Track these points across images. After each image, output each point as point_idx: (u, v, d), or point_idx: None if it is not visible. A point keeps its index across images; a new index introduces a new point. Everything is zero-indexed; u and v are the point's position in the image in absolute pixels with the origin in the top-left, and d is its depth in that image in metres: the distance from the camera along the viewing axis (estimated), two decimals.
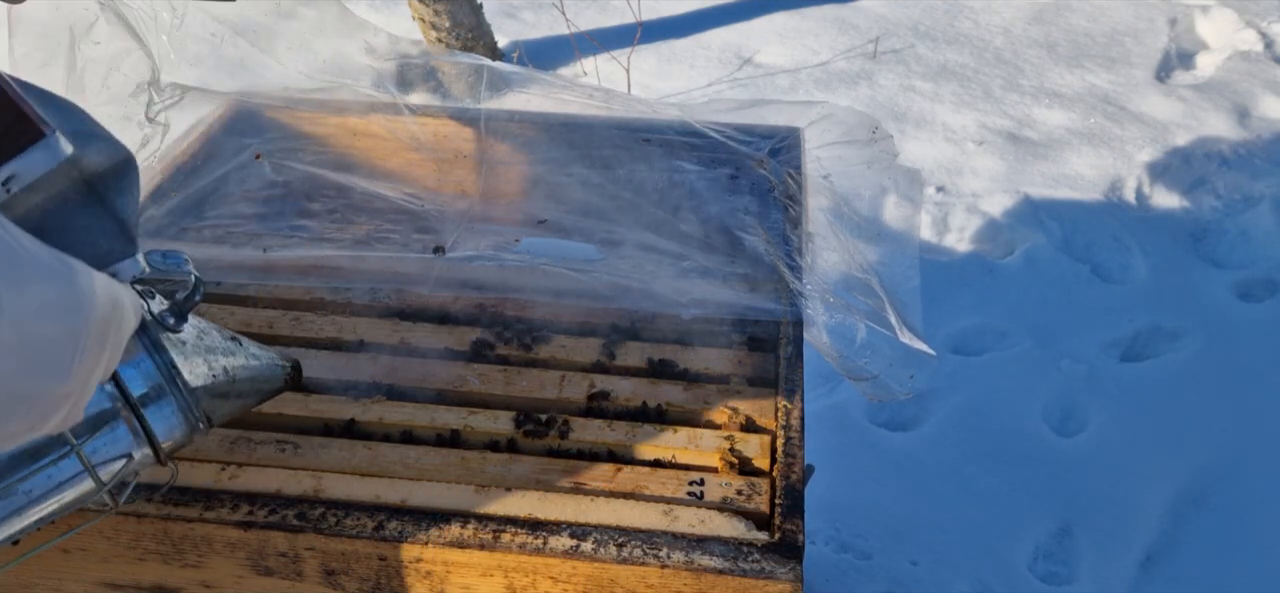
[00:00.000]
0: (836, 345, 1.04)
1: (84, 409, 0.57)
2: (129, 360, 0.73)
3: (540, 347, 1.05)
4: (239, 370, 0.83)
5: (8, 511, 0.72)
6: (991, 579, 1.75)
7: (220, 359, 0.81)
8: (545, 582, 0.86)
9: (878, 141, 1.23)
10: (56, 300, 0.54)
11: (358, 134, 1.28)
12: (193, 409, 0.77)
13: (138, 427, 0.75)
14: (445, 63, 1.42)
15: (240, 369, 0.83)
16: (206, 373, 0.79)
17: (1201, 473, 1.93)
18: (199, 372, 0.79)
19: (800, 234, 1.13)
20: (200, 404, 0.78)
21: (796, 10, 3.37)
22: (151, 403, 0.75)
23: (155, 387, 0.75)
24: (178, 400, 0.76)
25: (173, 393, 0.76)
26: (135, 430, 0.75)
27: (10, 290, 0.51)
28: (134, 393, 0.74)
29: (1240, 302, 2.31)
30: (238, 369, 0.83)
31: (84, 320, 0.56)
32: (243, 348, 0.84)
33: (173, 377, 0.76)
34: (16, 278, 0.52)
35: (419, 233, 1.14)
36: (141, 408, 0.75)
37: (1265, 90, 2.99)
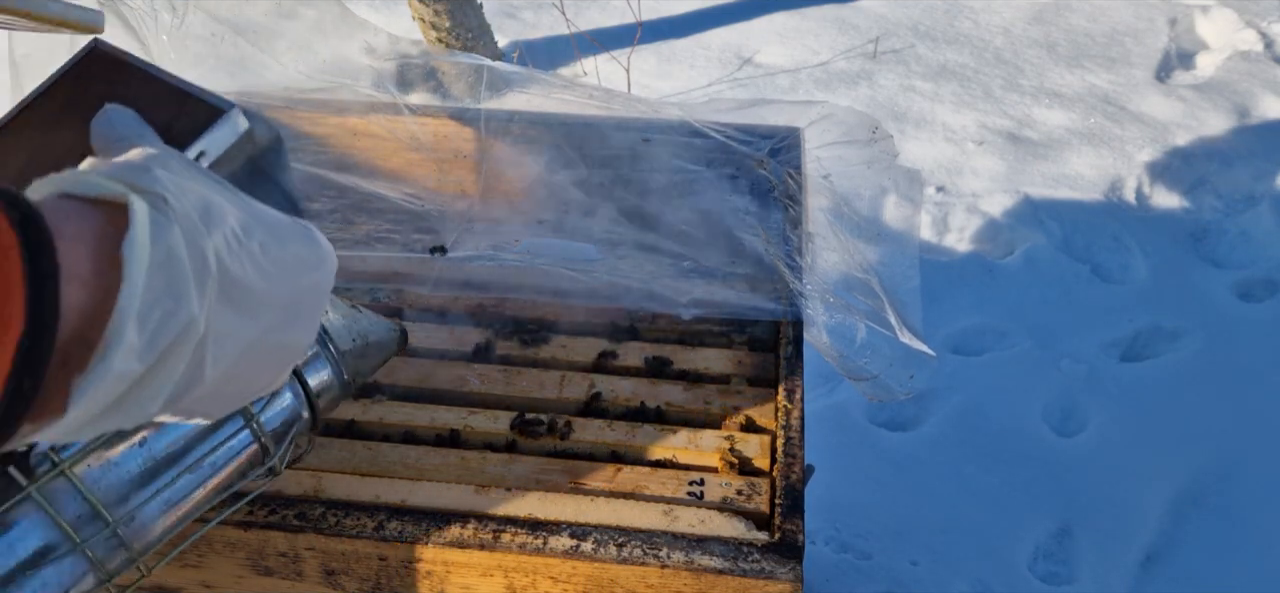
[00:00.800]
0: (836, 345, 1.04)
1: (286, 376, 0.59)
2: None
3: (540, 347, 1.05)
4: (370, 333, 0.87)
5: (194, 484, 0.76)
6: (991, 579, 1.75)
7: (354, 323, 0.85)
8: (545, 582, 0.86)
9: (878, 141, 1.23)
10: (307, 256, 0.56)
11: (358, 134, 1.28)
12: (341, 369, 0.82)
13: (299, 390, 0.79)
14: (445, 63, 1.42)
15: (370, 332, 0.87)
16: (348, 336, 0.84)
17: (1201, 473, 1.93)
18: (342, 334, 0.83)
19: (800, 234, 1.13)
20: (348, 365, 0.82)
21: (796, 10, 3.37)
22: (309, 365, 0.80)
23: (312, 350, 0.79)
24: (330, 363, 0.81)
25: (326, 354, 0.81)
26: (298, 393, 0.79)
27: (274, 241, 0.53)
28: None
29: (1240, 302, 2.31)
30: (369, 332, 0.87)
31: (327, 274, 0.58)
32: (365, 314, 0.89)
33: (325, 340, 0.80)
34: (274, 231, 0.53)
35: (419, 233, 1.14)
36: (303, 369, 0.79)
37: (1265, 90, 2.99)
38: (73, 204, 0.44)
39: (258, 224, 0.52)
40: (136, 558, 0.74)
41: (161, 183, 0.46)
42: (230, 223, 0.49)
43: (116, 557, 0.73)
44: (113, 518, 0.72)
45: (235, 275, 0.49)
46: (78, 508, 0.71)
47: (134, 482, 0.74)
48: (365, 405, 0.99)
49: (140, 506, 0.73)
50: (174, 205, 0.46)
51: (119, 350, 0.43)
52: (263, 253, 0.51)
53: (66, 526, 0.70)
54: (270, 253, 0.52)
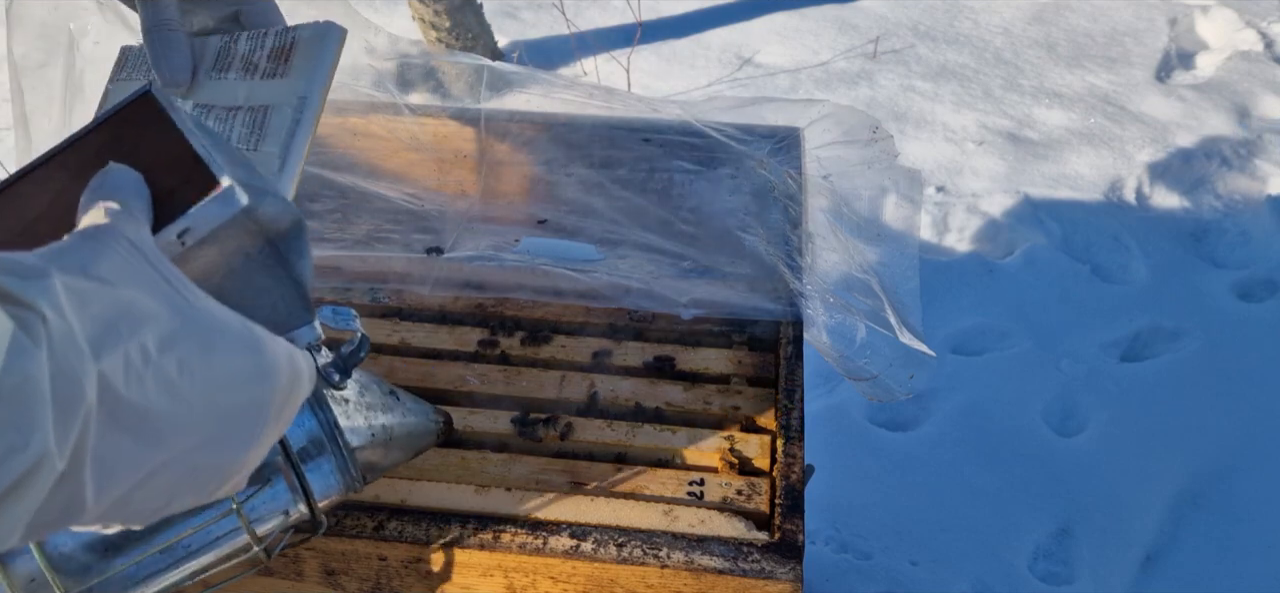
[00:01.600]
0: (836, 346, 1.04)
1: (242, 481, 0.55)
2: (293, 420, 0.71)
3: (540, 347, 1.05)
4: (396, 428, 0.81)
5: (164, 564, 0.71)
6: (991, 579, 1.75)
7: (379, 417, 0.79)
8: (545, 582, 0.86)
9: (878, 141, 1.23)
10: (244, 369, 0.51)
11: (358, 134, 1.28)
12: (350, 467, 0.75)
13: (296, 484, 0.73)
14: (445, 63, 1.42)
15: (397, 426, 0.81)
16: (366, 430, 0.78)
17: (1201, 473, 1.93)
18: (359, 430, 0.77)
19: (800, 234, 1.13)
20: (357, 463, 0.76)
21: (796, 10, 3.37)
22: (311, 460, 0.73)
23: (316, 444, 0.73)
24: (336, 459, 0.74)
25: (333, 451, 0.74)
26: (294, 488, 0.73)
27: (200, 354, 0.48)
28: (295, 450, 0.72)
29: (1240, 302, 2.31)
30: (395, 426, 0.81)
31: (269, 391, 0.53)
32: (400, 404, 0.83)
33: (334, 435, 0.74)
34: (205, 341, 0.49)
35: (419, 233, 1.14)
36: (302, 465, 0.73)
37: (1265, 90, 2.99)
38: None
39: (188, 335, 0.48)
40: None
41: (49, 293, 0.42)
42: (143, 336, 0.45)
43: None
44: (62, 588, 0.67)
45: (131, 400, 0.44)
46: (33, 569, 0.67)
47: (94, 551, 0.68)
48: None
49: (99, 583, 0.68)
50: (51, 324, 0.41)
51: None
52: (180, 370, 0.47)
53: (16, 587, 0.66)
54: (191, 370, 0.47)
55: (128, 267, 0.47)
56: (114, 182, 0.54)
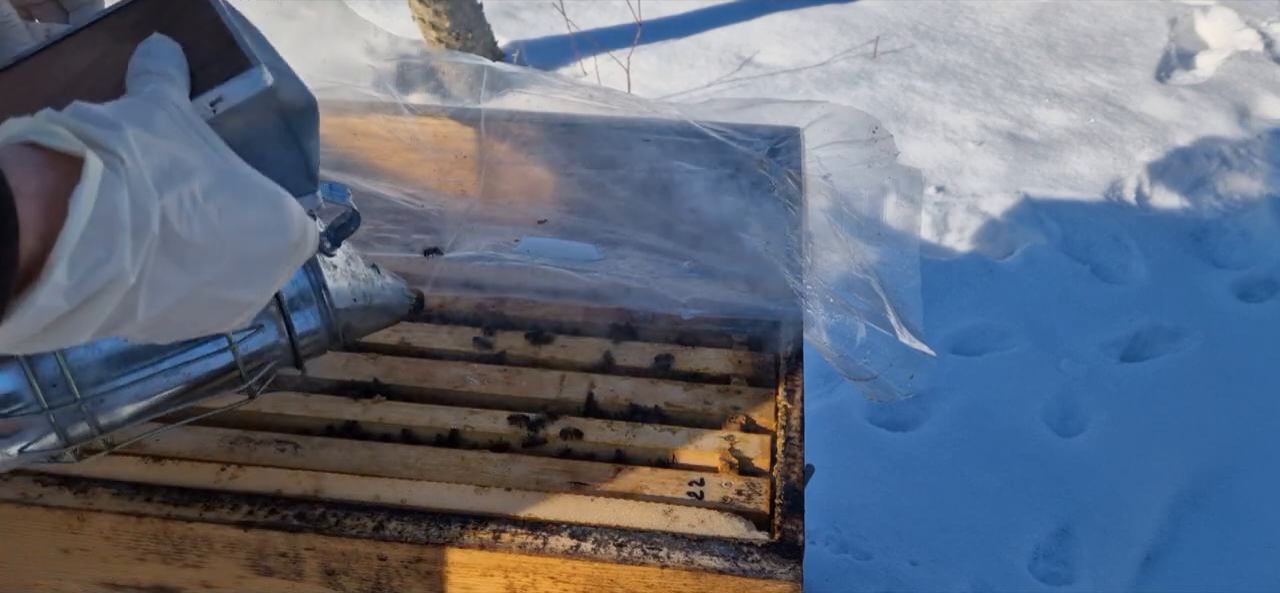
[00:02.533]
0: (836, 346, 1.04)
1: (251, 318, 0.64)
2: None
3: (540, 347, 1.05)
4: (375, 296, 0.91)
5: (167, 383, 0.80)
6: (991, 579, 1.75)
7: (361, 285, 0.89)
8: (545, 582, 0.86)
9: (878, 141, 1.23)
10: (268, 222, 0.60)
11: (358, 134, 1.28)
12: (334, 322, 0.85)
13: (284, 329, 0.83)
14: (445, 63, 1.42)
15: (376, 295, 0.91)
16: (349, 294, 0.88)
17: (1201, 473, 1.93)
18: (343, 292, 0.87)
19: (800, 234, 1.13)
20: (340, 320, 0.86)
21: (796, 10, 3.37)
22: (298, 309, 0.83)
23: (304, 295, 0.83)
24: (321, 314, 0.84)
25: (319, 305, 0.84)
26: (282, 331, 0.83)
27: (236, 204, 0.57)
28: (285, 300, 0.82)
29: (1240, 302, 2.31)
30: (374, 295, 0.91)
31: (286, 243, 0.62)
32: (380, 276, 0.92)
33: (320, 292, 0.84)
34: (240, 194, 0.58)
35: (419, 233, 1.14)
36: (290, 313, 0.83)
37: (1265, 90, 2.99)
38: (35, 156, 0.50)
39: (225, 187, 0.57)
40: (101, 432, 0.79)
41: (124, 141, 0.51)
42: (192, 184, 0.54)
43: (80, 426, 0.78)
44: (80, 395, 0.76)
45: (181, 234, 0.54)
46: (53, 371, 0.75)
47: (110, 365, 0.77)
48: (365, 406, 0.99)
49: (110, 391, 0.77)
50: (128, 166, 0.51)
51: (46, 288, 0.48)
52: (220, 215, 0.56)
53: (38, 387, 0.74)
54: (229, 215, 0.56)
55: (176, 126, 0.56)
56: (159, 50, 0.62)
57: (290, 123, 0.67)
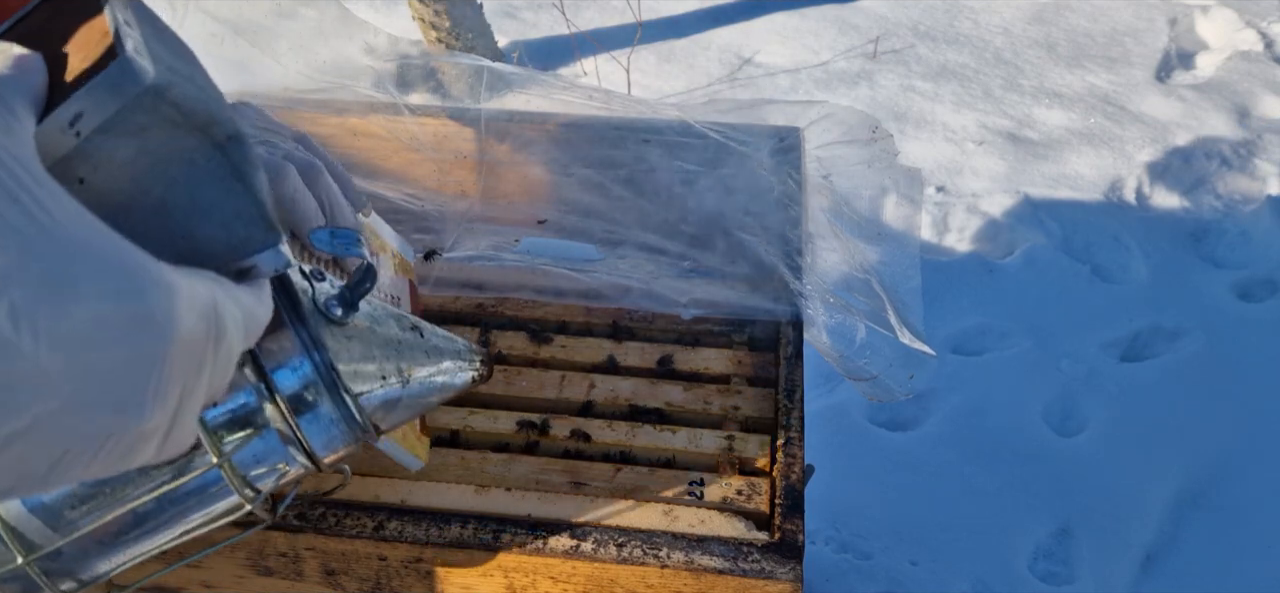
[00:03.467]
0: (836, 346, 1.04)
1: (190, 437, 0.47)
2: (284, 361, 0.63)
3: (540, 347, 1.05)
4: (416, 372, 0.70)
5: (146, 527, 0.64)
6: (991, 579, 1.75)
7: (393, 359, 0.68)
8: (545, 582, 0.86)
9: (878, 141, 1.23)
10: (112, 318, 0.41)
11: (358, 134, 1.28)
12: (356, 416, 0.65)
13: (290, 435, 0.64)
14: (445, 63, 1.42)
15: (417, 370, 0.70)
16: (376, 376, 0.67)
17: (1201, 473, 1.94)
18: (366, 374, 0.66)
19: (800, 234, 1.13)
20: (366, 411, 0.66)
21: (796, 10, 3.37)
22: (307, 410, 0.63)
23: (312, 390, 0.63)
24: (338, 407, 0.64)
25: (333, 399, 0.64)
26: (289, 438, 0.64)
27: (52, 301, 0.39)
28: (286, 395, 0.62)
29: (1240, 302, 2.31)
30: (414, 371, 0.70)
31: (159, 341, 0.43)
32: (424, 340, 0.71)
33: (333, 382, 0.63)
34: (61, 282, 0.39)
35: (419, 233, 1.14)
36: (296, 415, 0.63)
37: (1265, 90, 2.99)
38: None
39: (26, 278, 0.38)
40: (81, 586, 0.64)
41: None
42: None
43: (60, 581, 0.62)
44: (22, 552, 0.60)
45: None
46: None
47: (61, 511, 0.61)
48: None
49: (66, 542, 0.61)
50: None
51: None
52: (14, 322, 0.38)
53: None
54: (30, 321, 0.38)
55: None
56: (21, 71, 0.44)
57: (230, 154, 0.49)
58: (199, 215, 0.48)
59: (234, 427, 0.63)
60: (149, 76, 0.45)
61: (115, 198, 0.46)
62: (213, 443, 0.62)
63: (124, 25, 0.47)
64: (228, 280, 0.50)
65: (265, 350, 0.62)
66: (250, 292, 0.52)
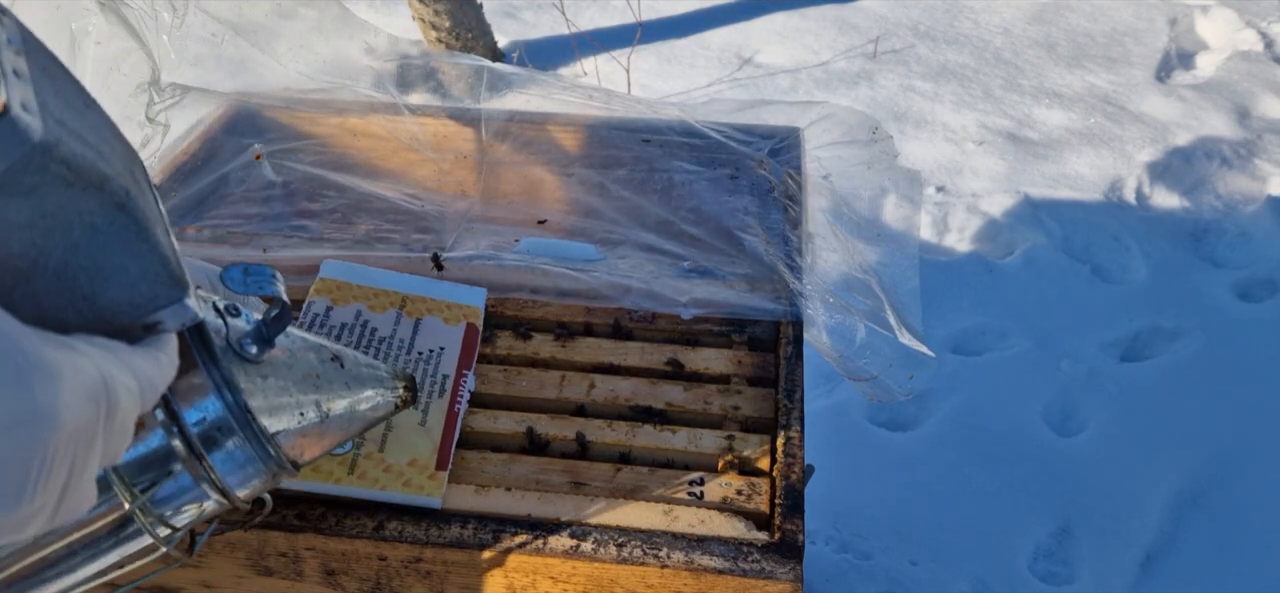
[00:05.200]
0: (836, 346, 1.04)
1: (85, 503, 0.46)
2: (196, 401, 0.62)
3: (540, 347, 1.05)
4: (335, 404, 0.70)
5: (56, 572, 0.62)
6: (991, 579, 1.75)
7: (311, 393, 0.68)
8: (545, 582, 0.86)
9: (878, 142, 1.23)
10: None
11: (358, 134, 1.28)
12: (273, 454, 0.65)
13: (203, 474, 0.63)
14: (445, 63, 1.42)
15: (336, 402, 0.70)
16: (293, 411, 0.66)
17: (1202, 473, 1.94)
18: (283, 410, 0.66)
19: (800, 234, 1.13)
20: (282, 448, 0.66)
21: (796, 10, 3.37)
22: (219, 449, 0.63)
23: (223, 429, 0.63)
24: (252, 444, 0.64)
25: (247, 437, 0.63)
26: (201, 477, 0.63)
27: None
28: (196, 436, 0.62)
29: (1240, 302, 2.31)
30: (333, 403, 0.70)
31: (43, 433, 0.41)
32: (343, 371, 0.71)
33: (246, 421, 0.63)
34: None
35: (419, 233, 1.14)
36: (209, 453, 0.62)
37: (1265, 90, 2.99)
38: None
39: None
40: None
41: None
42: None
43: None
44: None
45: None
46: None
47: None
48: None
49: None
50: None
51: None
52: None
53: None
54: None
55: None
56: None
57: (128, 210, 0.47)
58: (102, 278, 0.47)
59: (148, 467, 0.62)
60: (36, 134, 0.41)
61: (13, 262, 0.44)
62: (123, 488, 0.61)
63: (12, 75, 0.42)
64: (123, 347, 0.49)
65: (179, 390, 0.61)
66: (148, 353, 0.51)
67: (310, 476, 0.87)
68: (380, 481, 0.88)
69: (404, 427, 0.92)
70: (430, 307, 1.04)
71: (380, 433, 0.91)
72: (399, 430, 0.91)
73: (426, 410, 0.94)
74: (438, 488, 0.88)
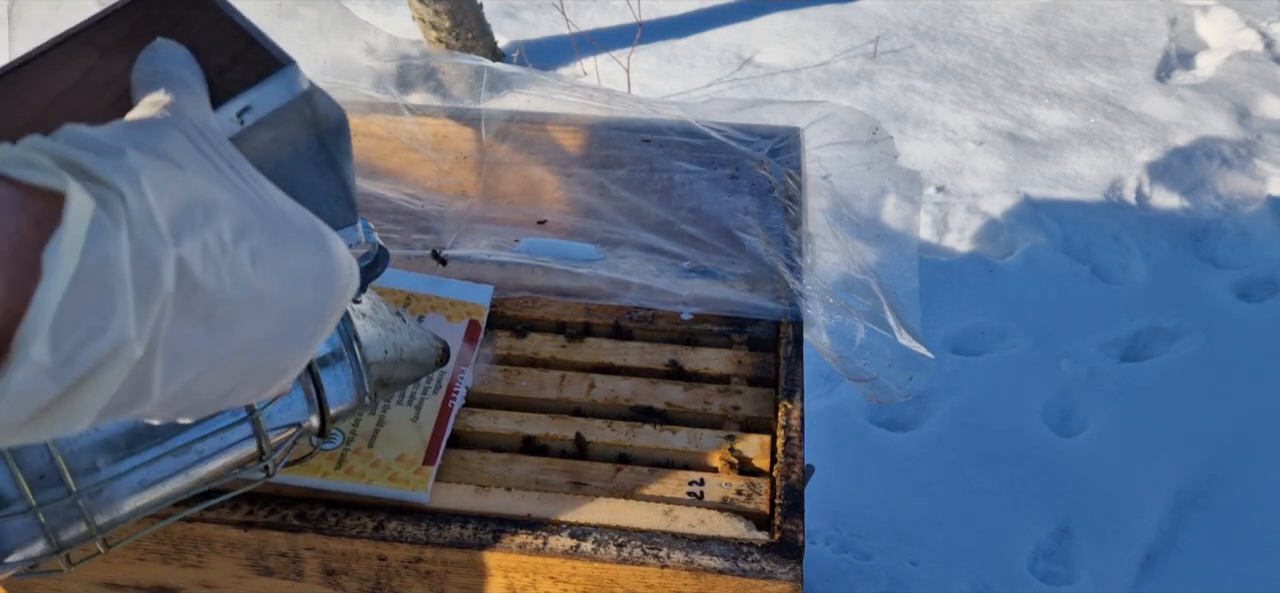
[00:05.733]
0: (836, 346, 1.04)
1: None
2: None
3: (540, 347, 1.05)
4: (405, 346, 0.79)
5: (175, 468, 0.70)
6: (991, 579, 1.75)
7: (390, 335, 0.77)
8: (545, 582, 0.86)
9: (878, 142, 1.23)
10: (312, 267, 0.48)
11: (358, 134, 1.28)
12: (364, 381, 0.75)
13: (312, 393, 0.71)
14: (445, 63, 1.42)
15: (406, 345, 0.80)
16: (380, 346, 0.76)
17: (1202, 473, 1.94)
18: (374, 344, 0.75)
19: (800, 234, 1.13)
20: (371, 377, 0.75)
21: (796, 10, 3.37)
22: (328, 367, 0.71)
23: (335, 352, 0.71)
24: (353, 371, 0.73)
25: (350, 361, 0.73)
26: (310, 397, 0.71)
27: (273, 246, 0.45)
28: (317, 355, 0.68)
29: (1240, 302, 2.31)
30: (404, 345, 0.79)
31: (331, 291, 0.50)
32: (406, 324, 0.80)
33: (352, 345, 0.72)
34: (278, 233, 0.46)
35: (419, 233, 1.14)
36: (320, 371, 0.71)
37: (1265, 90, 2.99)
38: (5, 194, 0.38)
39: (259, 225, 0.45)
40: (97, 534, 0.68)
41: (128, 172, 0.40)
42: (219, 224, 0.43)
43: (74, 527, 0.67)
44: (76, 487, 0.65)
45: (206, 289, 0.42)
46: (43, 464, 0.64)
47: (109, 450, 0.67)
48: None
49: (110, 479, 0.67)
50: (129, 204, 0.39)
51: (22, 369, 0.37)
52: (253, 261, 0.44)
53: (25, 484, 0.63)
54: (265, 260, 0.45)
55: (196, 150, 0.45)
56: (168, 57, 0.51)
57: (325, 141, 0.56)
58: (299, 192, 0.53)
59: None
60: (306, 84, 0.54)
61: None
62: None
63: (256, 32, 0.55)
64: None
65: None
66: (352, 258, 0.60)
67: (298, 470, 0.87)
68: (366, 475, 0.88)
69: (395, 422, 0.92)
70: (434, 304, 1.04)
71: (371, 428, 0.91)
72: (390, 426, 0.92)
73: (419, 406, 0.94)
74: (423, 483, 0.88)
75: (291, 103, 0.53)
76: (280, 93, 0.53)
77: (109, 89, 0.53)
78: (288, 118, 0.53)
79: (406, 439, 0.91)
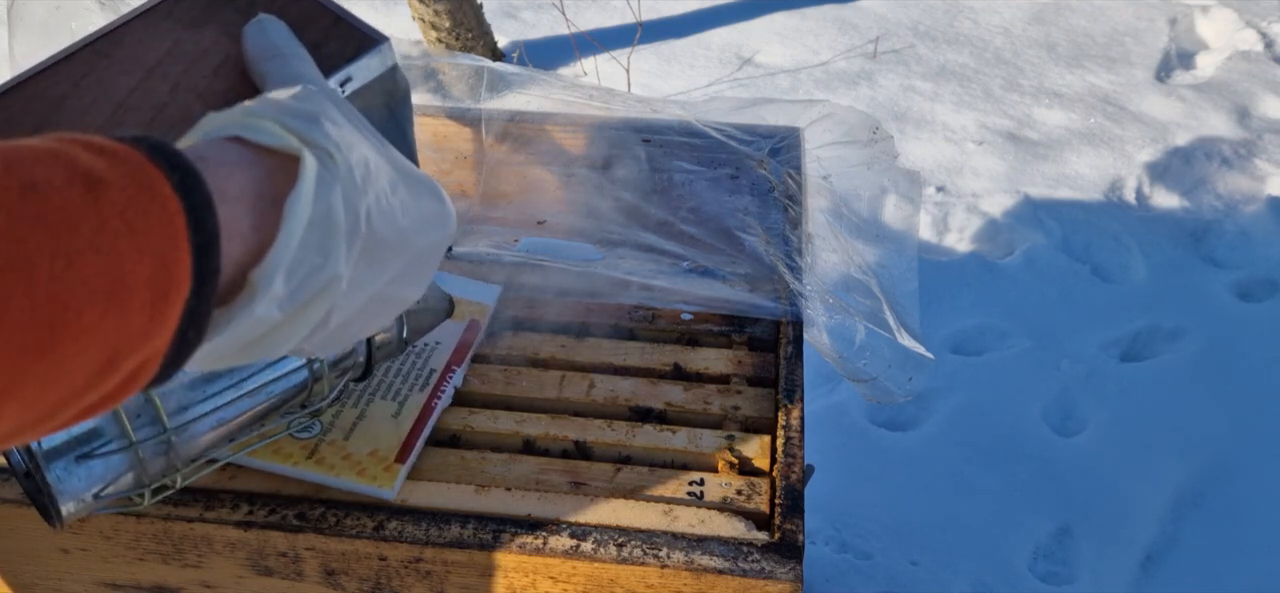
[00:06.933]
0: (836, 346, 1.04)
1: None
2: None
3: (540, 347, 1.05)
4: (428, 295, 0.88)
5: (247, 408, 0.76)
6: (991, 579, 1.75)
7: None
8: (545, 582, 0.86)
9: (878, 142, 1.23)
10: (435, 214, 0.55)
11: None
12: (404, 327, 0.83)
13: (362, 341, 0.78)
14: (445, 63, 1.42)
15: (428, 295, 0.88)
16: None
17: (1201, 473, 1.93)
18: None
19: (800, 234, 1.13)
20: (410, 322, 0.84)
21: (796, 10, 3.37)
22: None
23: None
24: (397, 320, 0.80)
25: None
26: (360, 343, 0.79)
27: (412, 197, 0.52)
28: None
29: (1240, 302, 2.31)
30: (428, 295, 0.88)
31: (446, 234, 0.56)
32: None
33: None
34: (412, 185, 0.53)
35: None
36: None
37: (1265, 90, 2.99)
38: (240, 152, 0.45)
39: (401, 179, 0.52)
40: (175, 469, 0.73)
41: (330, 138, 0.47)
42: (380, 179, 0.50)
43: (159, 462, 0.72)
44: (170, 425, 0.70)
45: (379, 233, 0.49)
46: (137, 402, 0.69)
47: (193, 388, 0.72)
48: None
49: (196, 418, 0.72)
50: (338, 162, 0.47)
51: (264, 299, 0.44)
52: (402, 210, 0.51)
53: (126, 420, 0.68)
54: (408, 209, 0.52)
55: (345, 115, 0.51)
56: (278, 31, 0.57)
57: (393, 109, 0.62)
58: None
59: None
60: (397, 57, 0.60)
61: None
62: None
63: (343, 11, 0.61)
64: None
65: None
66: None
67: (270, 456, 0.87)
68: (336, 467, 0.88)
69: (376, 417, 0.92)
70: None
71: (350, 422, 0.91)
72: (370, 421, 0.92)
73: (403, 403, 0.94)
74: (391, 480, 0.88)
75: (384, 74, 0.59)
76: (377, 66, 0.59)
77: (204, 59, 0.57)
78: (377, 86, 0.59)
79: (383, 435, 0.91)
